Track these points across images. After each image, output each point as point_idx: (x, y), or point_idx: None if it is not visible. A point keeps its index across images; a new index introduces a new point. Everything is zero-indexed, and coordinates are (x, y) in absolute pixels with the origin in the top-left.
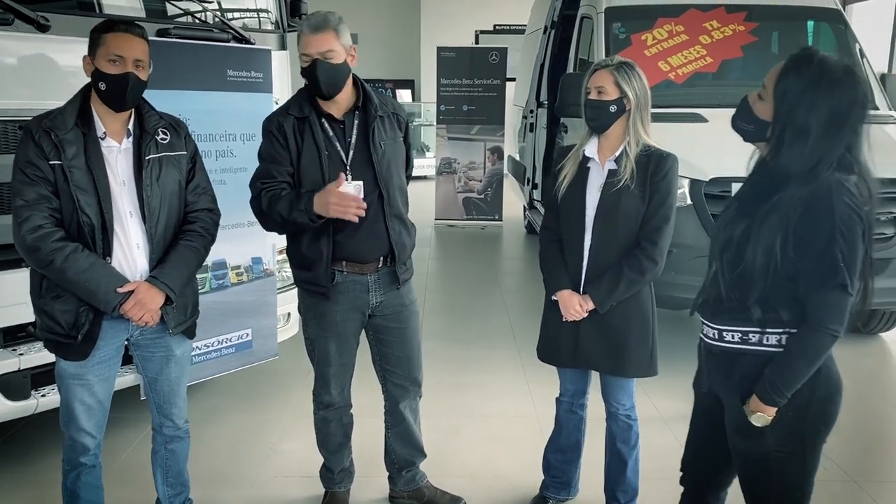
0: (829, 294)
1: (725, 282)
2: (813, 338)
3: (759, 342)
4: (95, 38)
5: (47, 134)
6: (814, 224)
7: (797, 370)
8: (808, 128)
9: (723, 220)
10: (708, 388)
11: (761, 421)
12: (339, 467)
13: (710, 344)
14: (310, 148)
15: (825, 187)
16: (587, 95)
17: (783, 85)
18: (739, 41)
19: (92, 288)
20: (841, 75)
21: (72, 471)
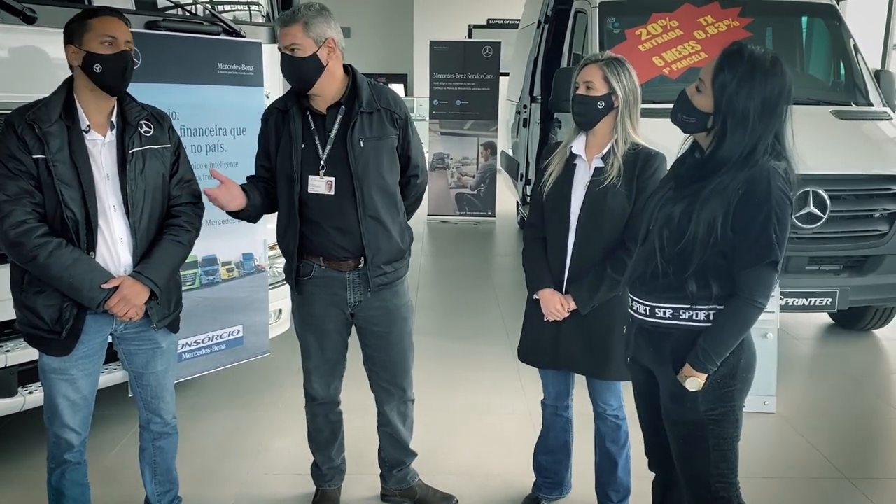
0: (762, 270)
1: (664, 257)
2: (744, 310)
3: (690, 318)
4: (78, 26)
5: (31, 127)
6: (753, 205)
7: (728, 339)
8: (747, 115)
9: (659, 200)
10: (633, 359)
11: (694, 385)
12: (328, 464)
13: (640, 320)
14: (286, 140)
15: (764, 172)
16: (575, 90)
17: (721, 78)
18: (734, 37)
19: (76, 284)
20: (769, 66)
21: (56, 468)
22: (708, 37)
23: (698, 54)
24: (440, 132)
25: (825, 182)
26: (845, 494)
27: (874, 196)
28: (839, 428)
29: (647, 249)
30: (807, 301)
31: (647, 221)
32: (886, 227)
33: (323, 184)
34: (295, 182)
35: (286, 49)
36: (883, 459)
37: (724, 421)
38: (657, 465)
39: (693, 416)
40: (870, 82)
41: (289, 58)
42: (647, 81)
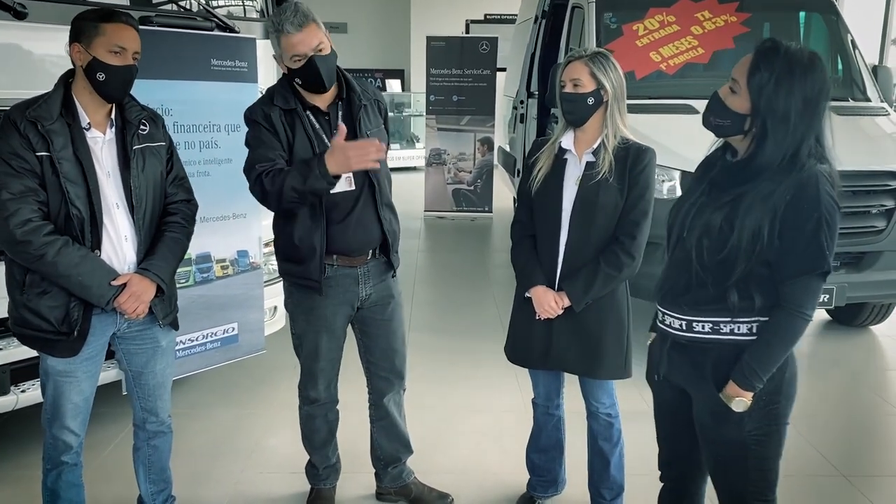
0: (811, 280)
1: (703, 267)
2: (792, 322)
3: (731, 332)
4: (90, 27)
5: (33, 124)
6: (801, 212)
7: (775, 354)
8: (788, 116)
9: (691, 207)
10: (663, 376)
11: (741, 406)
12: (324, 464)
13: (675, 335)
14: (302, 140)
15: (812, 177)
16: (562, 88)
17: (758, 77)
18: (731, 32)
19: (85, 282)
20: (808, 62)
21: (52, 469)
22: (705, 32)
23: (695, 49)
24: (437, 128)
25: None
26: (842, 492)
27: (872, 192)
28: (836, 425)
29: (679, 259)
30: None
31: (679, 229)
32: (884, 224)
33: (343, 180)
34: None
35: (314, 50)
36: (880, 457)
37: (769, 440)
38: (671, 479)
39: (735, 435)
40: (867, 78)
41: (320, 58)
42: (644, 77)
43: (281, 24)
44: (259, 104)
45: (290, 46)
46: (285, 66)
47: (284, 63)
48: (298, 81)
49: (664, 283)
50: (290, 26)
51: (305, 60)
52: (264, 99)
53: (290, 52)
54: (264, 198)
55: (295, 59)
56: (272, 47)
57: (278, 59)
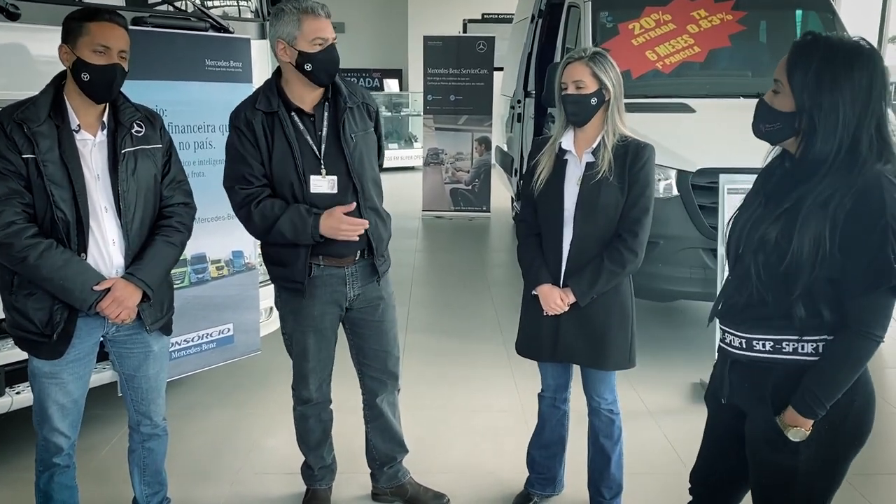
0: (879, 297)
1: (762, 284)
2: (857, 343)
3: (794, 351)
4: (75, 27)
5: (19, 126)
6: (864, 222)
7: (839, 379)
8: (836, 104)
9: (748, 220)
10: (728, 399)
11: (799, 435)
12: (319, 464)
13: (735, 354)
14: (281, 144)
15: (873, 181)
16: (563, 90)
17: (798, 72)
18: (727, 30)
19: (67, 285)
20: (851, 49)
21: (45, 471)
22: (701, 30)
23: (691, 48)
24: (434, 127)
25: None
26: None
27: None
28: None
29: (738, 275)
30: None
31: (736, 244)
32: None
33: (325, 183)
34: (297, 185)
35: (334, 41)
36: (877, 455)
37: (821, 476)
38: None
39: (788, 462)
40: None
41: (335, 47)
42: (640, 76)
43: (310, 6)
44: (242, 107)
45: (317, 29)
46: (296, 49)
47: (297, 46)
48: (308, 67)
49: (725, 300)
50: (320, 10)
51: (327, 45)
52: (248, 102)
53: (316, 34)
54: (249, 226)
55: (318, 41)
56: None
57: (287, 42)
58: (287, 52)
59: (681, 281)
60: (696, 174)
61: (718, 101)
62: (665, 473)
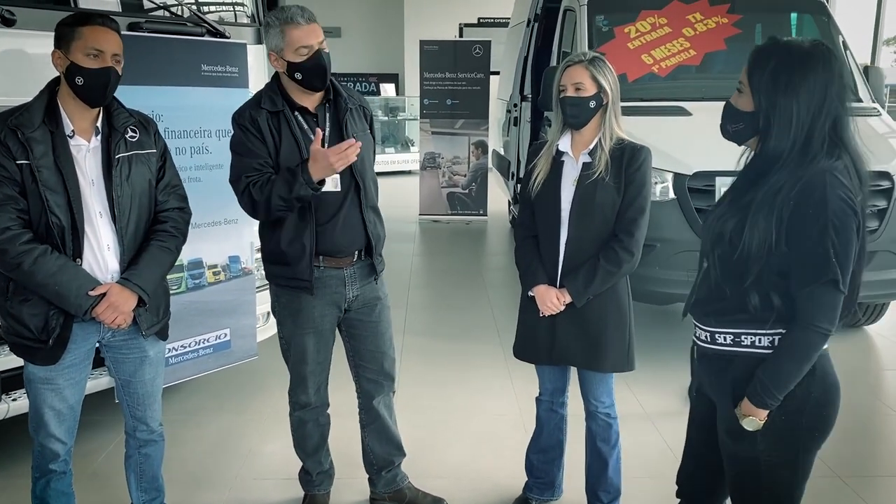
0: (819, 290)
1: (720, 277)
2: (802, 336)
3: (752, 344)
4: (68, 32)
5: (13, 132)
6: (806, 217)
7: (788, 371)
8: (790, 105)
9: (714, 216)
10: (697, 389)
11: (753, 425)
12: (317, 469)
13: (702, 347)
14: (289, 142)
15: (818, 178)
16: (562, 93)
17: (757, 73)
18: (723, 34)
19: (62, 291)
20: (808, 49)
21: (41, 478)
22: (696, 34)
23: (687, 52)
24: (431, 131)
25: None
26: (837, 493)
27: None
28: None
29: (704, 270)
30: None
31: (704, 240)
32: (877, 224)
33: (330, 181)
34: None
35: (320, 45)
36: (875, 457)
37: (783, 467)
38: (687, 496)
39: (748, 454)
40: (859, 78)
41: (324, 53)
42: (636, 79)
43: (290, 16)
44: (247, 107)
45: (299, 38)
46: (285, 60)
47: (285, 57)
48: (299, 76)
49: (695, 294)
50: (300, 18)
51: (312, 52)
52: (252, 102)
53: (298, 43)
54: (253, 208)
55: (301, 50)
56: (269, 43)
57: (277, 53)
58: (279, 63)
59: (678, 284)
60: (693, 177)
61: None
62: (663, 477)
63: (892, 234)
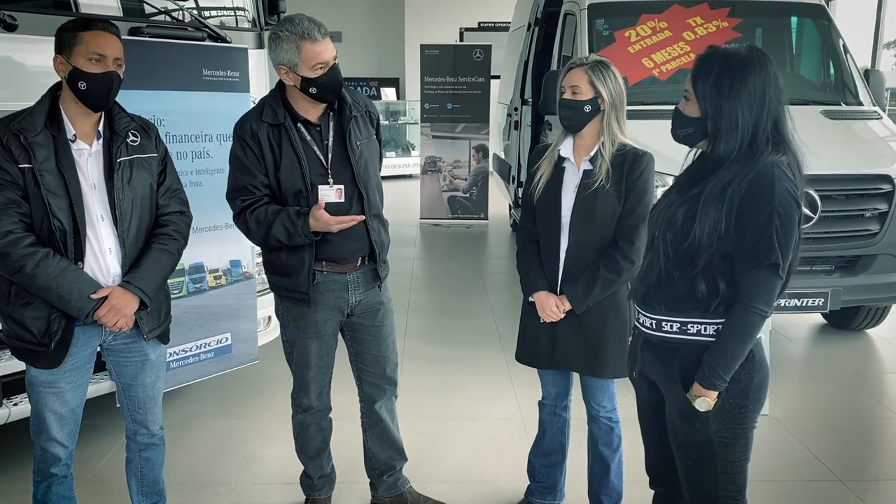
0: (762, 274)
1: (669, 261)
2: (745, 317)
3: (698, 332)
4: (69, 37)
5: (16, 137)
6: (755, 204)
7: (732, 351)
8: (735, 109)
9: (662, 205)
10: (639, 374)
11: (704, 405)
12: (318, 473)
13: (647, 333)
14: (289, 155)
15: (768, 170)
16: (562, 95)
17: (700, 82)
18: (723, 37)
19: (64, 294)
20: (745, 55)
21: (42, 482)
22: (697, 38)
23: (687, 55)
24: (431, 135)
25: (816, 182)
26: (839, 496)
27: (865, 196)
28: (832, 429)
29: (650, 257)
30: (799, 301)
31: (652, 228)
32: (877, 227)
33: (333, 192)
34: (305, 194)
35: (335, 59)
36: (877, 461)
37: (735, 444)
38: (659, 482)
39: (702, 436)
40: (859, 82)
41: (338, 67)
42: (636, 83)
43: (306, 31)
44: (248, 119)
45: (316, 54)
46: (299, 75)
47: (300, 72)
48: (313, 91)
49: (639, 282)
50: (317, 33)
51: (329, 68)
52: (253, 113)
53: (315, 60)
54: (248, 234)
55: (319, 66)
56: (281, 57)
57: (290, 68)
58: (290, 77)
59: None
60: None
61: None
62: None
63: (892, 238)
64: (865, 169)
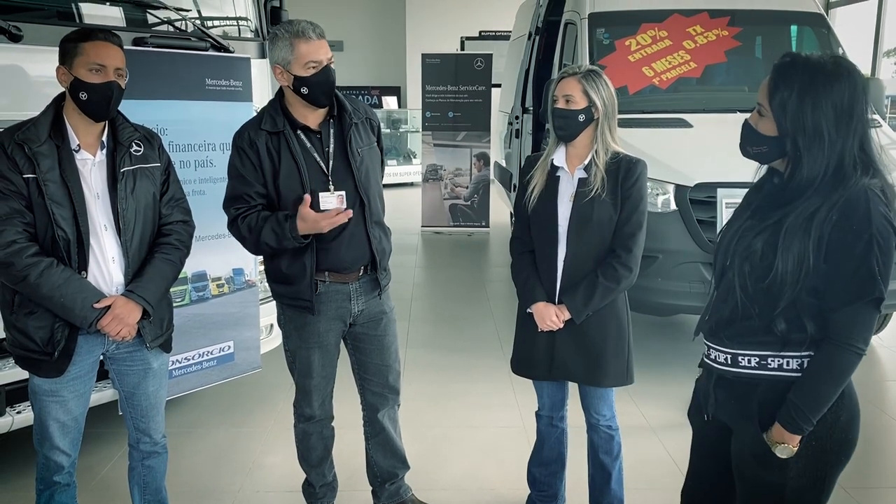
0: (862, 309)
1: (747, 296)
2: (840, 356)
3: (780, 367)
4: (71, 48)
5: (20, 147)
6: (850, 233)
7: (823, 393)
8: (820, 128)
9: (735, 232)
10: (712, 416)
11: (786, 452)
12: (320, 482)
13: (720, 370)
14: (288, 163)
15: (860, 194)
16: (554, 104)
17: (779, 96)
18: (723, 46)
19: (68, 304)
20: (832, 68)
21: (45, 490)
22: (697, 46)
23: (688, 64)
24: (433, 144)
25: None
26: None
27: None
28: None
29: (724, 289)
30: None
31: (723, 256)
32: None
33: (334, 199)
34: None
35: (329, 61)
36: (878, 468)
37: (809, 489)
38: None
39: (776, 479)
40: None
41: (331, 69)
42: (637, 92)
43: (301, 30)
44: (247, 128)
45: (308, 52)
46: (292, 74)
47: (292, 71)
48: (305, 90)
49: (710, 315)
50: (311, 32)
51: (321, 67)
52: (252, 122)
53: (308, 57)
54: (242, 242)
55: (311, 65)
56: (276, 55)
57: (283, 66)
58: (284, 77)
59: (680, 295)
60: (694, 188)
61: (715, 116)
62: (666, 488)
63: None
64: None
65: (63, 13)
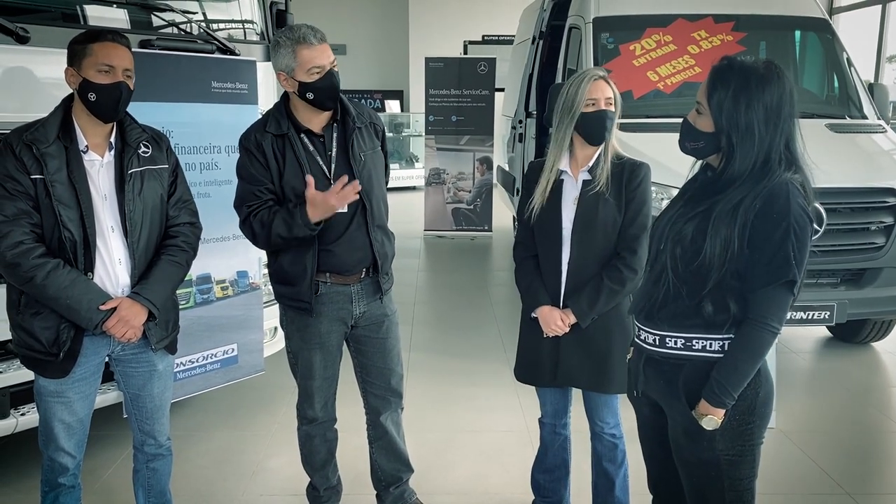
0: (776, 291)
1: (678, 277)
2: (757, 334)
3: (703, 348)
4: (79, 49)
5: (28, 147)
6: (770, 221)
7: (742, 369)
8: (752, 126)
9: (669, 219)
10: (641, 392)
11: (712, 424)
12: (324, 485)
13: (649, 350)
14: (292, 165)
15: (782, 187)
16: (591, 106)
17: (716, 96)
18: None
19: (74, 305)
20: (764, 72)
21: (50, 492)
22: (702, 51)
23: (692, 69)
24: (436, 148)
25: (821, 195)
26: None
27: (870, 209)
28: (839, 442)
29: (656, 272)
30: (805, 314)
31: (657, 242)
32: (883, 240)
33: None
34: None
35: (332, 65)
36: (883, 474)
37: (742, 461)
38: (664, 501)
39: (708, 455)
40: (864, 95)
41: (336, 73)
42: (641, 96)
43: (302, 36)
44: (253, 130)
45: (311, 58)
46: (296, 80)
47: (297, 77)
48: (310, 96)
49: (641, 298)
50: (312, 38)
51: (325, 72)
52: (258, 125)
53: (310, 63)
54: (254, 239)
55: (314, 70)
56: (280, 63)
57: (287, 73)
58: (288, 83)
59: None
60: None
61: None
62: None
63: None
64: (871, 182)
65: (68, 15)
